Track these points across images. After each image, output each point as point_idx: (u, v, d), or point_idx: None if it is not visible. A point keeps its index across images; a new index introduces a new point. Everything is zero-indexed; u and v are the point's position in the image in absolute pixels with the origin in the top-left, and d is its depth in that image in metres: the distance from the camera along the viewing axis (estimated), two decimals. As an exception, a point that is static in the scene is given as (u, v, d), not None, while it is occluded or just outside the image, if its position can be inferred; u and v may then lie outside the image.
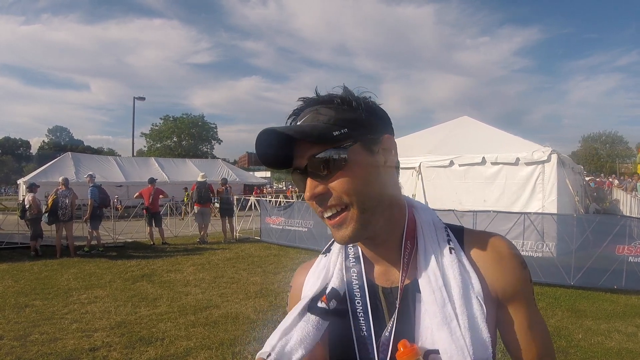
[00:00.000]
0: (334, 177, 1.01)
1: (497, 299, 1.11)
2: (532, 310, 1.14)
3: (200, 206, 15.30)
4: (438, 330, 1.02)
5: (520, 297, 1.12)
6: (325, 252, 1.26)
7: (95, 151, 78.55)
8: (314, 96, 1.10)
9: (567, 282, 8.51)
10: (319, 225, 13.06)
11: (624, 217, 9.49)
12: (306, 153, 1.02)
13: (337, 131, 1.02)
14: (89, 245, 13.15)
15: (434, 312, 1.03)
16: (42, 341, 6.02)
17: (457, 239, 1.15)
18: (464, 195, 12.15)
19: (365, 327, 1.09)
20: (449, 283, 1.06)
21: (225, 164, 39.80)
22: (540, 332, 1.15)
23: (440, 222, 1.20)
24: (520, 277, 1.13)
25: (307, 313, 1.11)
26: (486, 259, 1.12)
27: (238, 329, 6.54)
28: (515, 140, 12.80)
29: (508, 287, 1.11)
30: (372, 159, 1.06)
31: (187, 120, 72.96)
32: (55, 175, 22.29)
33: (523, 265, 1.15)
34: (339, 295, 1.13)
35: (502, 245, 1.15)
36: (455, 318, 1.02)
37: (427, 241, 1.13)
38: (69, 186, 12.90)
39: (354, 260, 1.18)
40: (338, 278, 1.15)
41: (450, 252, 1.11)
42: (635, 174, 35.17)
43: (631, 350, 5.80)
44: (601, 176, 45.77)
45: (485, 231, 1.23)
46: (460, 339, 1.00)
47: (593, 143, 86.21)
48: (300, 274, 1.31)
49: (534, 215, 9.50)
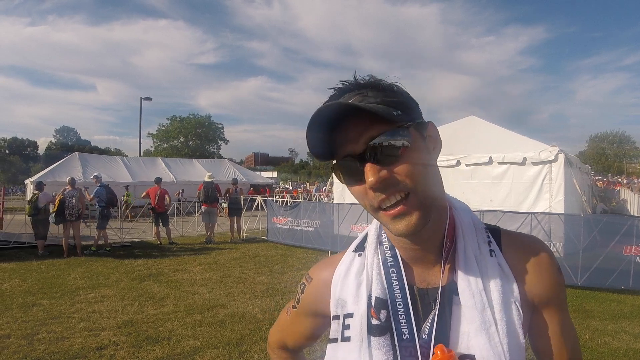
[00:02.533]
0: (397, 162, 0.95)
1: (532, 304, 1.09)
2: (565, 316, 1.13)
3: (207, 206, 15.33)
4: (476, 335, 1.00)
5: (555, 303, 1.11)
6: (358, 251, 1.20)
7: (102, 151, 78.65)
8: (352, 80, 1.03)
9: (575, 282, 8.48)
10: (326, 225, 13.09)
11: (631, 217, 9.45)
12: (361, 137, 0.95)
13: (396, 111, 0.96)
14: (96, 245, 13.19)
15: (473, 316, 1.01)
16: (50, 340, 6.05)
17: (494, 240, 1.13)
18: (471, 195, 12.09)
19: (407, 330, 1.04)
20: (488, 287, 1.04)
21: (232, 164, 39.77)
22: (571, 338, 1.14)
23: (480, 223, 1.17)
24: (557, 283, 1.12)
25: (370, 337, 1.05)
26: (524, 262, 1.10)
27: (245, 328, 6.55)
28: (522, 140, 12.74)
29: (545, 292, 1.09)
30: (424, 144, 1.03)
31: (194, 120, 73.12)
32: (62, 176, 22.37)
33: (559, 270, 1.14)
34: (386, 304, 1.07)
35: (540, 250, 1.13)
36: (494, 324, 1.00)
37: (467, 242, 1.10)
38: (75, 186, 12.94)
39: (392, 260, 1.11)
40: (378, 283, 1.10)
41: (491, 254, 1.09)
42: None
43: (638, 350, 5.80)
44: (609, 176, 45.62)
45: (522, 233, 1.21)
46: (498, 345, 0.98)
47: (600, 143, 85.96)
48: (324, 269, 1.25)
49: (541, 215, 9.47)
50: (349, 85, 1.03)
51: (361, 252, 1.18)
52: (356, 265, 1.16)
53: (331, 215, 13.30)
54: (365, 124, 0.95)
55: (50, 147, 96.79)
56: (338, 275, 1.18)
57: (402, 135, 0.95)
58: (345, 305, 1.12)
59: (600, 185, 28.94)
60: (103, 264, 11.37)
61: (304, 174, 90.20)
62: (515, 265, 1.08)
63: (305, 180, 69.32)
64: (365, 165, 0.94)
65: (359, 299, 1.09)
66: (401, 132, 0.95)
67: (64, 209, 12.32)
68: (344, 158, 0.98)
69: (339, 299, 1.14)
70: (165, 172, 30.14)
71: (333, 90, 1.05)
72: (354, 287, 1.12)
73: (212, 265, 11.24)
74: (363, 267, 1.14)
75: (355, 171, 0.97)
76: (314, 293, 1.24)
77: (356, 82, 1.02)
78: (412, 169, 0.95)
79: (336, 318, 1.13)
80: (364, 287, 1.10)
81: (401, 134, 0.95)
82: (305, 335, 1.34)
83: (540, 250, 1.12)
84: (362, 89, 1.00)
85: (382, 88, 1.01)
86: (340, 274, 1.17)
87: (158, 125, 73.93)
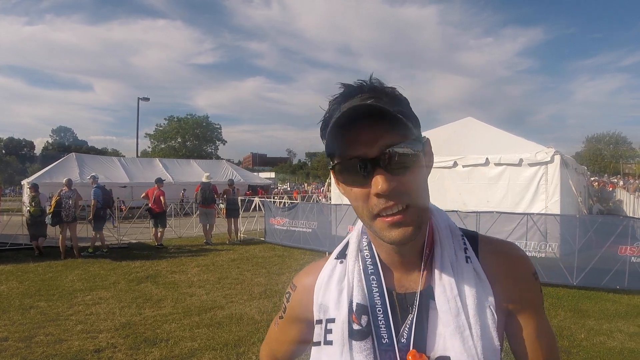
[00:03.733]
0: (405, 173, 0.96)
1: (507, 309, 1.12)
2: (542, 320, 1.16)
3: (204, 207, 15.31)
4: (450, 338, 1.03)
5: (531, 308, 1.14)
6: (340, 258, 1.22)
7: (99, 152, 78.43)
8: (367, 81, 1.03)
9: (570, 282, 8.53)
10: (323, 227, 13.10)
11: (626, 217, 9.51)
12: (377, 142, 0.95)
13: (410, 124, 0.97)
14: (93, 247, 13.16)
15: (448, 320, 1.04)
16: (47, 342, 6.06)
17: (472, 246, 1.15)
18: (468, 196, 12.16)
19: (387, 334, 1.07)
20: (463, 292, 1.06)
21: (229, 164, 39.75)
22: (549, 342, 1.17)
23: (457, 230, 1.19)
24: (532, 288, 1.16)
25: (352, 341, 1.08)
26: (500, 268, 1.13)
27: (242, 329, 6.56)
28: (518, 141, 12.80)
29: (520, 297, 1.13)
30: (424, 160, 1.03)
31: (192, 120, 72.79)
32: (59, 176, 22.32)
33: (535, 276, 1.17)
34: (366, 310, 1.10)
35: (516, 256, 1.17)
36: (468, 327, 1.02)
37: (444, 249, 1.11)
38: (72, 187, 12.93)
39: (372, 267, 1.14)
40: (359, 289, 1.12)
41: (467, 261, 1.11)
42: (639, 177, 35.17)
43: (633, 350, 5.83)
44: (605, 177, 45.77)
45: (500, 239, 1.23)
46: (472, 348, 1.01)
47: (597, 143, 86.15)
48: (308, 275, 1.28)
49: (537, 216, 9.50)
50: (364, 86, 1.02)
51: (342, 260, 1.21)
52: (338, 272, 1.19)
53: (329, 216, 13.30)
54: (381, 129, 0.95)
55: (47, 147, 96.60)
56: (321, 282, 1.21)
57: (415, 148, 0.97)
58: (328, 310, 1.15)
59: (597, 186, 29.04)
60: (100, 266, 11.36)
61: (302, 174, 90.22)
62: (491, 270, 1.11)
63: (304, 180, 69.34)
64: (376, 170, 0.94)
65: (341, 304, 1.12)
66: (415, 145, 0.98)
67: (60, 210, 12.31)
68: (352, 159, 0.97)
69: (321, 304, 1.17)
70: (163, 173, 30.08)
71: (344, 86, 1.04)
72: (336, 294, 1.15)
73: (209, 267, 11.24)
74: (344, 274, 1.17)
75: (360, 174, 0.96)
76: (300, 300, 1.26)
77: (372, 84, 1.03)
78: (416, 182, 0.98)
79: (319, 322, 1.16)
80: (345, 293, 1.13)
81: (415, 146, 0.97)
82: (294, 344, 1.35)
83: (516, 256, 1.17)
84: (378, 94, 1.00)
85: (397, 97, 1.02)
86: (323, 280, 1.20)
87: (155, 126, 73.68)
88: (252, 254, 13.16)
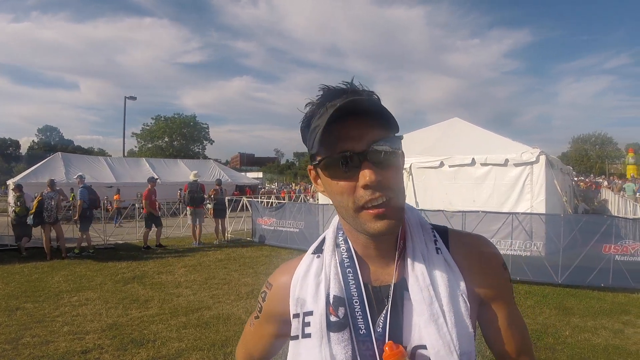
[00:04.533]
0: (389, 168, 1.02)
1: (479, 297, 1.16)
2: (512, 308, 1.21)
3: (193, 207, 15.18)
4: (425, 326, 1.06)
5: (502, 296, 1.19)
6: (317, 253, 1.26)
7: (85, 151, 77.82)
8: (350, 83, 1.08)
9: (555, 280, 8.61)
10: (310, 226, 13.12)
11: (610, 216, 9.59)
12: (365, 137, 1.00)
13: (392, 122, 1.03)
14: (79, 247, 13.09)
15: (422, 309, 1.07)
16: (34, 344, 6.02)
17: (442, 239, 1.20)
18: (454, 196, 12.21)
19: (364, 325, 1.10)
20: (435, 282, 1.10)
21: (217, 164, 39.59)
22: (520, 329, 1.22)
23: (427, 223, 1.24)
24: (502, 277, 1.21)
25: (330, 333, 1.11)
26: (470, 259, 1.18)
27: (230, 330, 6.56)
28: (504, 141, 12.89)
29: (490, 286, 1.17)
30: (401, 158, 1.08)
31: (179, 120, 72.33)
32: (45, 176, 22.09)
33: (504, 266, 1.22)
34: (343, 302, 1.13)
35: (485, 247, 1.23)
36: (442, 315, 1.06)
37: (416, 242, 1.16)
38: (55, 188, 12.82)
39: (349, 261, 1.17)
40: (336, 282, 1.15)
41: (437, 252, 1.15)
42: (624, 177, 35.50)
43: (617, 346, 5.89)
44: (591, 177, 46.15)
45: (469, 232, 1.30)
46: (447, 335, 1.04)
47: (583, 144, 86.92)
48: (284, 273, 1.30)
49: (522, 215, 9.57)
50: (347, 89, 1.07)
51: (319, 254, 1.24)
52: (315, 266, 1.22)
53: (316, 216, 13.35)
54: (367, 125, 1.01)
55: (33, 146, 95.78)
56: (297, 276, 1.23)
57: (397, 146, 1.03)
58: (305, 303, 1.17)
59: (583, 186, 29.26)
60: (86, 267, 11.29)
61: (290, 174, 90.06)
62: (461, 261, 1.16)
63: (292, 180, 69.21)
64: (364, 163, 0.99)
65: (318, 297, 1.15)
66: (397, 143, 1.04)
67: (42, 210, 12.20)
68: (341, 153, 1.01)
69: (298, 298, 1.19)
70: (150, 173, 29.92)
71: (327, 88, 1.09)
72: (314, 287, 1.17)
73: (196, 267, 11.21)
74: (321, 268, 1.20)
75: (348, 168, 1.01)
76: (276, 297, 1.28)
77: (354, 87, 1.07)
78: (397, 177, 1.05)
79: (296, 316, 1.18)
80: (322, 286, 1.16)
81: (397, 144, 1.03)
82: (271, 342, 1.37)
83: (485, 247, 1.23)
84: (360, 95, 1.05)
85: (378, 99, 1.08)
86: (300, 275, 1.23)
87: (142, 125, 73.14)
88: (239, 254, 13.12)
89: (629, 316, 7.07)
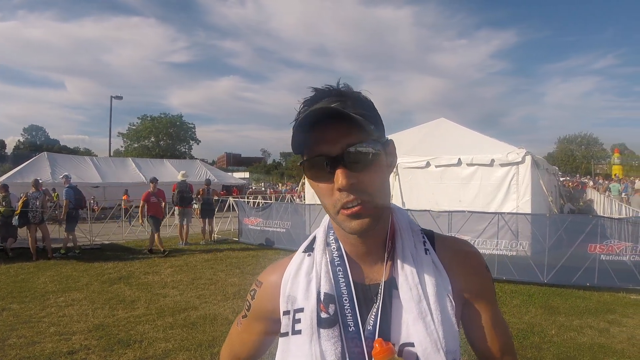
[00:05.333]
0: (365, 170, 1.03)
1: (463, 298, 1.19)
2: (494, 308, 1.24)
3: (182, 207, 15.10)
4: (413, 324, 1.08)
5: (485, 297, 1.23)
6: (308, 251, 1.27)
7: (71, 151, 77.13)
8: (334, 86, 1.10)
9: (541, 280, 8.68)
10: (297, 226, 13.12)
11: (595, 216, 9.68)
12: (340, 141, 1.02)
13: (371, 125, 1.04)
14: (65, 248, 12.98)
15: (410, 307, 1.10)
16: (20, 345, 5.98)
17: (429, 242, 1.23)
18: (440, 196, 12.27)
19: (353, 322, 1.12)
20: (424, 281, 1.13)
21: (203, 164, 39.48)
22: (503, 329, 1.25)
23: (416, 226, 1.26)
24: (485, 279, 1.24)
25: (320, 330, 1.12)
26: (455, 261, 1.21)
27: (216, 330, 6.55)
28: (490, 142, 12.99)
29: (474, 287, 1.21)
30: (385, 160, 1.11)
31: (165, 120, 71.79)
32: (30, 176, 21.90)
33: (487, 269, 1.26)
34: (333, 299, 1.15)
35: (469, 251, 1.27)
36: (429, 313, 1.09)
37: (405, 242, 1.18)
38: (40, 188, 12.73)
39: (339, 259, 1.19)
40: (327, 280, 1.17)
41: (426, 252, 1.18)
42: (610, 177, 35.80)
43: (603, 345, 5.95)
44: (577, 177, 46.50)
45: (454, 237, 1.34)
46: (434, 332, 1.07)
47: (569, 144, 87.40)
48: (274, 272, 1.31)
49: (508, 215, 9.64)
50: (331, 90, 1.10)
51: (310, 253, 1.26)
52: (306, 265, 1.23)
53: (303, 215, 13.36)
54: (344, 129, 1.02)
55: (19, 146, 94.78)
56: (288, 274, 1.25)
57: (374, 148, 1.04)
58: (296, 301, 1.19)
59: (569, 186, 29.45)
60: (73, 267, 11.21)
61: (277, 174, 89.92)
62: (447, 263, 1.19)
63: (278, 180, 69.14)
64: (339, 167, 1.01)
65: (309, 294, 1.17)
66: (374, 145, 1.04)
67: (27, 211, 12.13)
68: (317, 156, 1.04)
69: (289, 295, 1.21)
70: (136, 173, 29.85)
71: (313, 90, 1.11)
72: (305, 284, 1.19)
73: (183, 268, 11.17)
74: (312, 266, 1.22)
75: (325, 170, 1.03)
76: (265, 296, 1.28)
77: (338, 89, 1.10)
78: (375, 179, 1.05)
79: (286, 313, 1.19)
80: (313, 283, 1.18)
81: (374, 146, 1.04)
82: (259, 341, 1.36)
83: (469, 251, 1.27)
84: (343, 97, 1.07)
85: (361, 100, 1.10)
86: (291, 273, 1.24)
87: (129, 125, 72.46)
88: (225, 254, 13.07)
89: (614, 315, 7.15)
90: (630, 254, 8.23)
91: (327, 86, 1.11)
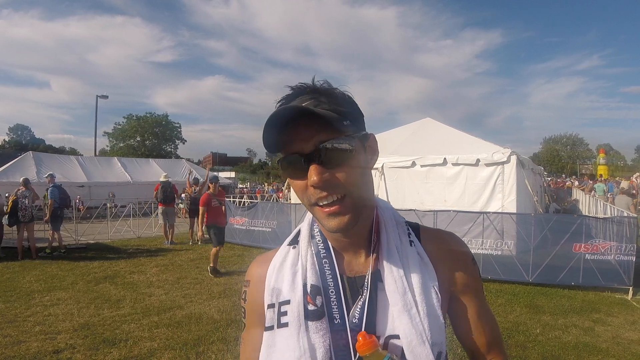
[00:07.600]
0: (339, 166, 1.03)
1: (449, 290, 1.20)
2: (482, 302, 1.25)
3: (165, 206, 15.08)
4: (399, 316, 1.09)
5: (472, 289, 1.23)
6: (293, 244, 1.27)
7: (57, 150, 76.65)
8: (311, 83, 1.11)
9: (526, 279, 8.73)
10: (283, 226, 13.09)
11: (580, 216, 9.73)
12: (312, 139, 1.03)
13: (346, 121, 1.05)
14: (51, 247, 12.91)
15: (396, 299, 1.10)
16: (5, 344, 5.95)
17: (414, 234, 1.24)
18: (426, 195, 12.31)
19: (339, 315, 1.12)
20: (409, 273, 1.13)
21: (189, 164, 39.31)
22: (489, 321, 1.26)
23: (400, 218, 1.28)
24: (471, 272, 1.24)
25: (308, 322, 1.12)
26: (441, 253, 1.21)
27: (202, 329, 6.54)
28: (475, 141, 13.02)
29: (460, 280, 1.21)
30: (364, 155, 1.12)
31: (151, 119, 71.30)
32: (16, 175, 21.71)
33: (473, 261, 1.26)
34: (320, 290, 1.14)
35: (455, 243, 1.27)
36: (415, 305, 1.09)
37: (390, 235, 1.19)
38: (29, 186, 12.65)
39: (325, 251, 1.20)
40: (313, 272, 1.17)
41: (411, 244, 1.19)
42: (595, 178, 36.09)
43: (588, 344, 6.00)
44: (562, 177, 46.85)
45: (439, 229, 1.34)
46: (419, 325, 1.07)
47: (554, 144, 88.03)
48: (258, 266, 1.30)
49: (493, 214, 9.69)
50: (306, 88, 1.11)
51: (295, 245, 1.26)
52: (291, 257, 1.24)
53: (289, 215, 13.34)
54: (316, 127, 1.03)
55: (4, 145, 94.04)
56: (273, 267, 1.25)
57: (347, 144, 1.04)
58: (281, 293, 1.18)
59: (554, 186, 29.67)
60: (58, 267, 11.13)
61: (262, 174, 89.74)
62: (433, 255, 1.19)
63: (264, 180, 68.99)
64: (311, 164, 1.03)
65: (295, 286, 1.17)
66: (347, 141, 1.04)
67: (17, 210, 12.03)
68: (291, 154, 1.06)
69: (273, 288, 1.20)
70: (121, 172, 29.63)
71: (290, 88, 1.12)
72: (290, 276, 1.19)
73: (168, 267, 11.14)
74: (297, 258, 1.22)
75: (299, 168, 1.05)
76: (255, 292, 1.28)
77: (313, 86, 1.11)
78: (351, 174, 1.05)
79: (271, 307, 1.18)
80: (299, 275, 1.18)
81: (347, 142, 1.04)
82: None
83: (455, 243, 1.27)
84: (317, 94, 1.09)
85: (336, 96, 1.10)
86: (275, 266, 1.24)
87: (114, 124, 71.89)
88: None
89: (599, 314, 7.21)
90: (615, 254, 8.28)
91: (301, 84, 1.12)
